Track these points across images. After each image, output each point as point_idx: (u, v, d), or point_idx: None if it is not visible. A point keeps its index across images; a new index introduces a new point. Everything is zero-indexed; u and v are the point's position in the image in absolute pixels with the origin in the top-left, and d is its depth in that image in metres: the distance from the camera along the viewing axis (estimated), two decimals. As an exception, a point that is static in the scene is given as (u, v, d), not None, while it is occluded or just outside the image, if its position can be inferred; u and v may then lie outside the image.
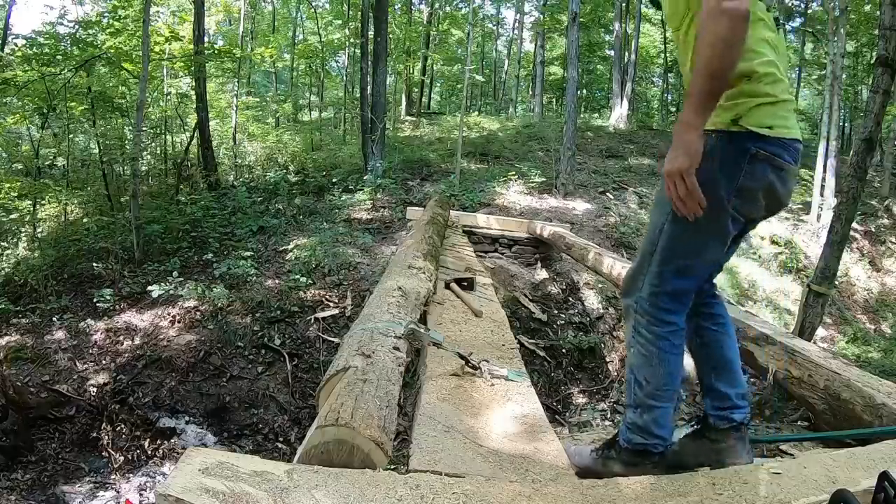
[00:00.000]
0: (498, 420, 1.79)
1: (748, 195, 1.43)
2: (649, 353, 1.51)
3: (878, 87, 4.17)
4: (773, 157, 1.40)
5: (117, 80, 9.59)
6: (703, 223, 1.39)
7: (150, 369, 5.05)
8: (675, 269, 1.48)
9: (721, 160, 1.39)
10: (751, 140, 1.38)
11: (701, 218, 1.37)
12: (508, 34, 26.17)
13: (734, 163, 1.40)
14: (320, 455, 1.25)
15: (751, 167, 1.39)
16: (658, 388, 1.51)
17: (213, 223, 8.16)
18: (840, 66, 10.67)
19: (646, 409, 1.52)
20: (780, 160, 1.41)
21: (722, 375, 1.59)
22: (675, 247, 1.47)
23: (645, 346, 1.52)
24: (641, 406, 1.53)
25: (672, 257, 1.48)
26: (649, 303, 1.51)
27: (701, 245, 1.48)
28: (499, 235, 7.18)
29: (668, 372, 1.51)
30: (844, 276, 8.89)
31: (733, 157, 1.39)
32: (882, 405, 2.07)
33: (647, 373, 1.52)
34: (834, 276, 4.61)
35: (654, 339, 1.50)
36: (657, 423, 1.51)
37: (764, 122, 1.38)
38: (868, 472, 1.31)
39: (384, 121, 10.50)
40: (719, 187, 1.39)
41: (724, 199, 1.41)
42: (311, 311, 5.78)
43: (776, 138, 1.39)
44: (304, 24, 19.42)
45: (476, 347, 2.43)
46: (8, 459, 4.08)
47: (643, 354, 1.52)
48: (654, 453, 1.51)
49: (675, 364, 1.52)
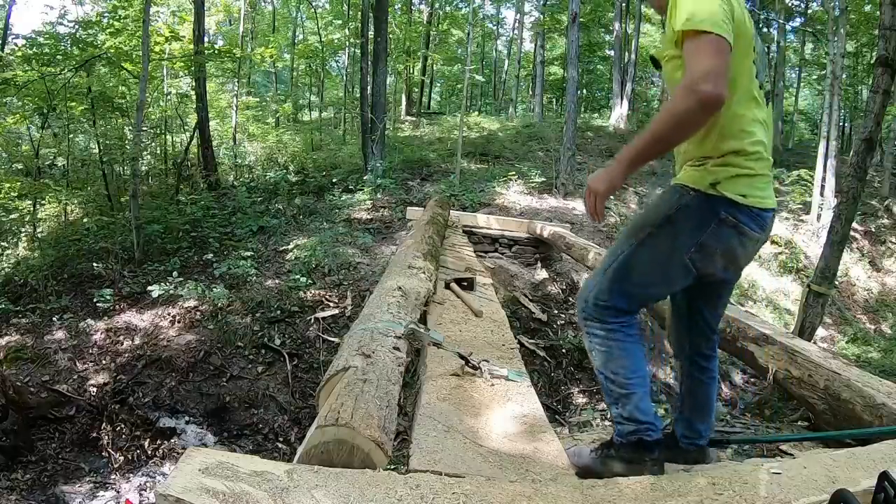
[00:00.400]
0: (498, 420, 1.79)
1: (707, 252, 1.54)
2: (608, 348, 1.61)
3: (878, 87, 4.17)
4: (740, 225, 1.51)
5: (117, 80, 9.60)
6: (659, 263, 1.58)
7: (150, 369, 5.04)
8: (620, 289, 1.61)
9: (691, 216, 1.52)
10: (723, 205, 1.49)
11: (659, 258, 1.56)
12: (508, 34, 26.18)
13: (702, 221, 1.52)
14: (320, 455, 1.25)
15: (717, 228, 1.51)
16: (627, 376, 1.60)
17: (213, 223, 8.16)
18: (840, 66, 10.67)
19: (624, 399, 1.60)
20: (745, 228, 1.52)
21: (698, 415, 1.82)
22: (629, 272, 1.60)
23: (603, 343, 1.62)
24: (620, 398, 1.61)
25: (624, 279, 1.61)
26: (594, 308, 1.63)
27: (649, 280, 1.61)
28: (499, 235, 7.18)
29: (632, 358, 1.62)
30: (844, 276, 8.89)
31: (704, 216, 1.51)
32: (882, 405, 2.07)
33: (613, 366, 1.61)
34: (834, 276, 4.61)
35: (608, 334, 1.61)
36: (640, 410, 1.59)
37: (739, 191, 1.49)
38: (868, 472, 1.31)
39: (384, 121, 10.50)
40: (684, 237, 1.53)
41: (684, 250, 1.53)
42: (311, 311, 5.78)
43: (747, 207, 1.50)
44: (304, 24, 19.42)
45: (476, 347, 2.43)
46: (8, 459, 4.08)
47: (603, 351, 1.62)
48: (650, 441, 1.58)
49: (636, 350, 1.63)
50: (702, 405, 1.83)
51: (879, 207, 11.09)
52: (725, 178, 1.49)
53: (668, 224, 1.54)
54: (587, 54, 20.73)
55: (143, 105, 7.72)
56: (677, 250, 1.54)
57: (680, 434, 1.85)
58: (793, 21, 16.55)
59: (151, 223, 7.70)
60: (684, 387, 1.86)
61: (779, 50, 14.56)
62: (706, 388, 1.82)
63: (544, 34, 19.38)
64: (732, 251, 1.56)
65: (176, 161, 10.46)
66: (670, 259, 1.55)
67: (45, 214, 8.56)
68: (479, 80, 22.53)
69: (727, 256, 1.56)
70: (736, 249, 1.56)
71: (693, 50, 1.37)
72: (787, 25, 15.67)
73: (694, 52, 1.37)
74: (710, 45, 1.35)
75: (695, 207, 1.52)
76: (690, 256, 1.54)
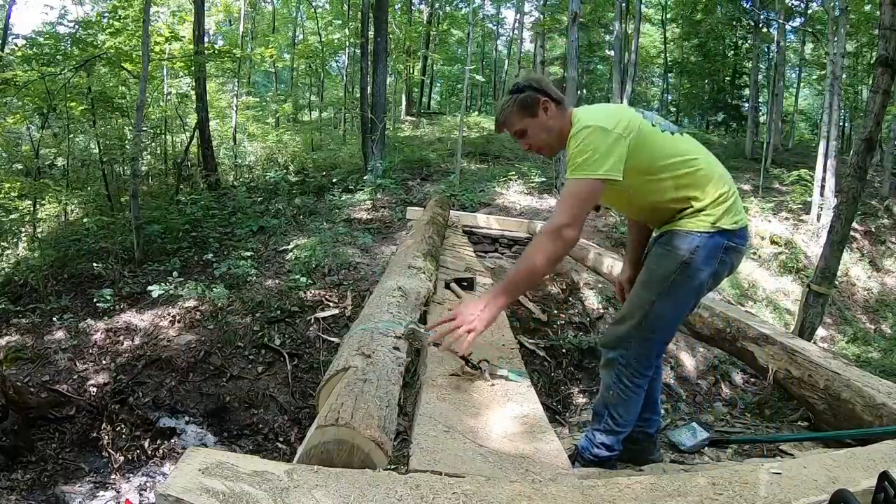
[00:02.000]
0: (498, 420, 1.79)
1: (718, 278, 1.86)
2: (628, 397, 1.87)
3: (878, 87, 4.17)
4: (738, 247, 1.81)
5: (117, 80, 9.60)
6: (683, 301, 1.84)
7: (150, 369, 5.04)
8: (663, 338, 1.90)
9: (704, 254, 1.77)
10: (726, 236, 1.78)
11: (686, 298, 1.83)
12: (508, 34, 26.18)
13: (713, 255, 1.78)
14: (320, 455, 1.25)
15: (724, 256, 1.79)
16: (629, 420, 1.91)
17: (213, 223, 8.15)
18: (840, 66, 10.67)
19: (614, 433, 1.91)
20: (740, 246, 1.82)
21: (650, 406, 2.05)
22: (664, 321, 1.85)
23: (625, 392, 1.87)
24: (612, 432, 1.91)
25: (662, 328, 1.86)
26: (637, 361, 1.85)
27: (681, 315, 1.91)
28: (499, 235, 7.17)
29: (637, 408, 1.92)
30: (844, 276, 8.89)
31: (714, 250, 1.78)
32: (882, 405, 2.07)
33: (623, 409, 1.89)
34: (834, 276, 4.61)
35: (634, 387, 1.87)
36: (619, 443, 1.92)
37: (732, 220, 1.79)
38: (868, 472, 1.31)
39: (384, 121, 10.50)
40: (703, 274, 1.79)
41: (704, 283, 1.81)
42: (311, 311, 5.78)
43: (739, 229, 1.80)
44: (304, 24, 19.42)
45: (476, 347, 2.43)
46: (8, 459, 4.08)
47: (623, 398, 1.88)
48: (610, 462, 1.92)
49: (640, 401, 1.92)
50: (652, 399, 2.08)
51: (879, 207, 11.08)
52: (720, 214, 1.78)
53: (686, 267, 1.78)
54: (587, 54, 20.73)
55: (143, 105, 7.72)
56: (699, 284, 1.81)
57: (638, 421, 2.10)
58: (793, 21, 16.55)
59: (151, 223, 7.70)
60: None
61: (779, 50, 14.55)
62: (655, 385, 2.07)
63: (544, 34, 19.38)
64: (733, 268, 1.87)
65: (176, 161, 10.46)
66: (692, 293, 1.83)
67: (45, 214, 8.55)
68: (479, 80, 22.53)
69: (729, 273, 1.89)
70: (735, 265, 1.87)
71: (565, 194, 1.72)
72: (787, 25, 15.66)
73: (565, 196, 1.72)
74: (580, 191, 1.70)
75: (705, 246, 1.77)
76: (708, 285, 1.84)
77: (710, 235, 1.76)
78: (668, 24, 20.76)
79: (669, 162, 1.78)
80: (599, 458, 1.90)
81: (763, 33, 15.58)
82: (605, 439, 1.91)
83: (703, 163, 1.82)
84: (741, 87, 19.51)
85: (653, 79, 25.18)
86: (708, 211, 1.78)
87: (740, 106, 19.30)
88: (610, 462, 1.92)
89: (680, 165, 1.78)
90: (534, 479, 1.44)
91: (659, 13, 20.55)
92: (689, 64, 20.69)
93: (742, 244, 1.84)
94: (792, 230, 9.83)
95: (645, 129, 1.77)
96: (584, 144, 1.69)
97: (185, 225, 7.89)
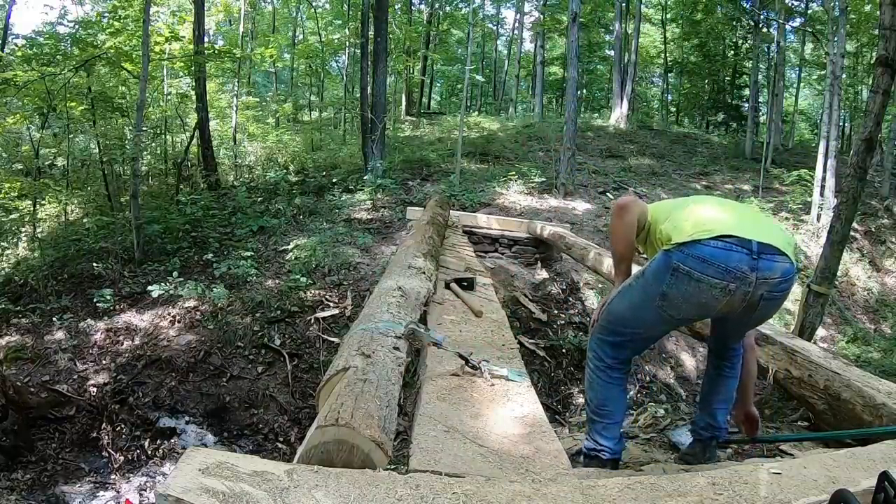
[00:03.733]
0: (498, 420, 1.79)
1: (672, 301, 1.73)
2: (591, 380, 1.95)
3: (878, 87, 4.16)
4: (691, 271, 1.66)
5: (117, 80, 9.59)
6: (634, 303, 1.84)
7: (150, 369, 5.04)
8: (612, 330, 1.91)
9: (654, 267, 1.76)
10: (673, 255, 1.69)
11: (632, 299, 1.84)
12: (508, 34, 26.18)
13: (662, 271, 1.72)
14: (320, 455, 1.25)
15: (673, 278, 1.69)
16: (599, 406, 1.93)
17: (213, 223, 8.15)
18: (840, 66, 10.67)
19: (592, 421, 1.97)
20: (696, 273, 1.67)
21: (719, 404, 2.06)
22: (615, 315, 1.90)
23: (589, 375, 1.96)
24: (590, 419, 1.98)
25: (612, 321, 1.91)
26: (596, 344, 1.96)
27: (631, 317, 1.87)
28: (499, 235, 7.17)
29: (605, 396, 1.93)
30: (844, 276, 8.89)
31: (661, 267, 1.73)
32: (882, 405, 2.07)
33: (591, 395, 1.97)
34: (834, 276, 4.60)
35: (595, 369, 1.94)
36: (600, 434, 1.91)
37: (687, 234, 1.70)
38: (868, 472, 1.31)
39: (384, 121, 10.49)
40: (650, 288, 1.76)
41: (653, 298, 1.75)
42: (311, 311, 5.78)
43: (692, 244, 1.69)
44: (305, 24, 19.42)
45: (476, 347, 2.43)
46: (8, 459, 4.08)
47: (588, 380, 1.97)
48: (604, 460, 1.89)
49: (611, 391, 1.93)
50: (720, 394, 2.06)
51: (879, 207, 11.08)
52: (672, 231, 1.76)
53: (640, 276, 1.83)
54: (587, 54, 20.74)
55: (143, 105, 7.71)
56: (649, 299, 1.76)
57: (701, 426, 2.10)
58: (793, 21, 16.55)
59: (151, 223, 7.70)
60: (708, 379, 2.12)
61: (779, 50, 14.55)
62: (725, 381, 2.05)
63: (544, 34, 19.40)
64: (691, 296, 1.67)
65: (176, 161, 10.46)
66: (650, 309, 1.77)
67: (45, 214, 8.55)
68: (479, 80, 22.54)
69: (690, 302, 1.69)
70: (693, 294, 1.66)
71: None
72: (787, 25, 15.66)
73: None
74: None
75: (656, 261, 1.76)
76: (666, 310, 1.74)
77: (663, 252, 1.74)
78: (668, 24, 20.76)
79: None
80: (590, 451, 1.93)
81: (763, 33, 15.57)
82: (587, 429, 1.99)
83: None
84: (741, 87, 19.51)
85: (653, 79, 25.18)
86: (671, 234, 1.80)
87: (740, 106, 19.30)
88: (603, 461, 1.90)
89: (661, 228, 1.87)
90: (534, 479, 1.44)
91: (659, 13, 20.55)
92: (689, 64, 20.68)
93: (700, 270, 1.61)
94: (792, 230, 9.82)
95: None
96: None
97: (185, 225, 7.89)
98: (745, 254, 1.60)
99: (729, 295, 1.63)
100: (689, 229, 1.68)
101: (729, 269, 1.60)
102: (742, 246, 1.60)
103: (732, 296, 1.63)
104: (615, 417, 1.91)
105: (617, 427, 1.92)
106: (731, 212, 1.76)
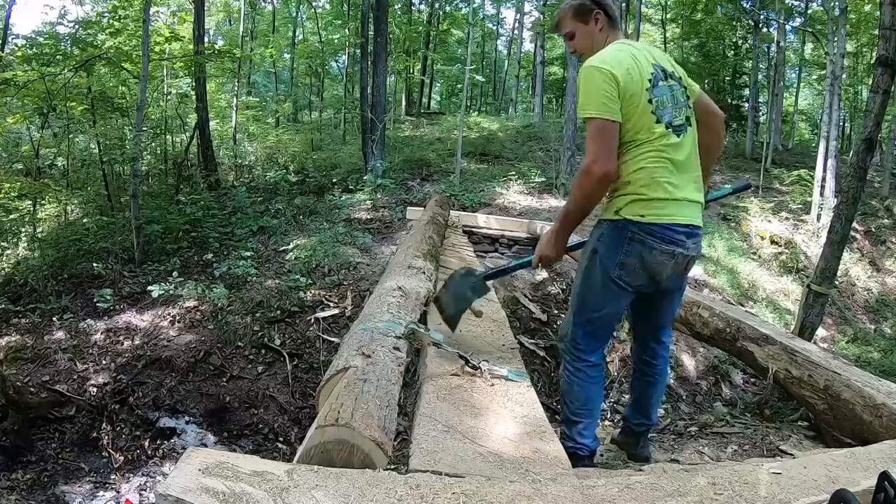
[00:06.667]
0: (498, 420, 1.79)
1: (628, 268, 1.87)
2: (571, 382, 2.03)
3: (878, 87, 4.16)
4: (646, 239, 1.82)
5: (117, 80, 9.59)
6: (599, 287, 1.93)
7: (150, 369, 5.04)
8: (583, 319, 2.00)
9: (609, 242, 1.88)
10: (629, 226, 1.83)
11: (597, 283, 1.92)
12: (508, 34, 26.18)
13: (616, 243, 1.86)
14: (320, 455, 1.25)
15: (629, 246, 1.84)
16: (578, 407, 2.02)
17: (213, 223, 8.15)
18: (840, 66, 10.67)
19: (571, 423, 2.03)
20: (650, 240, 1.82)
21: (640, 406, 2.24)
22: (583, 301, 2.00)
23: (569, 377, 2.05)
24: (567, 420, 2.05)
25: (583, 309, 2.00)
26: (570, 345, 2.04)
27: (598, 300, 1.96)
28: (499, 235, 7.17)
29: (585, 396, 2.02)
30: (844, 276, 8.89)
31: (616, 238, 1.86)
32: (882, 405, 2.07)
33: (571, 396, 2.04)
34: (834, 276, 4.60)
35: (574, 371, 2.03)
36: (580, 434, 2.00)
37: (636, 212, 1.82)
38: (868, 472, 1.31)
39: (384, 121, 10.49)
40: (608, 260, 1.88)
41: (612, 270, 1.88)
42: (311, 311, 5.78)
43: (647, 223, 1.81)
44: (305, 24, 19.42)
45: (476, 347, 2.43)
46: (8, 459, 4.08)
47: (567, 382, 2.05)
48: (582, 456, 1.98)
49: (591, 391, 2.02)
50: (639, 398, 2.25)
51: (879, 207, 11.08)
52: (623, 204, 1.84)
53: (594, 255, 1.92)
54: (587, 54, 20.67)
55: (143, 105, 7.71)
56: (606, 272, 1.89)
57: (635, 422, 2.28)
58: (793, 21, 16.55)
59: (151, 223, 7.69)
60: (637, 385, 2.28)
61: (779, 50, 14.55)
62: (654, 386, 2.20)
63: (544, 34, 19.37)
64: (645, 262, 1.85)
65: (176, 161, 10.45)
66: (604, 281, 1.90)
67: (45, 214, 8.54)
68: (479, 80, 22.51)
69: (644, 267, 1.86)
70: (647, 259, 1.84)
71: (587, 136, 1.79)
72: (787, 25, 15.66)
73: (587, 137, 1.79)
74: (596, 130, 1.76)
75: (608, 234, 1.89)
76: (616, 274, 1.87)
77: (613, 224, 1.87)
78: (668, 24, 20.76)
79: (633, 150, 1.82)
80: (567, 450, 1.89)
81: (763, 33, 15.57)
82: (565, 429, 2.04)
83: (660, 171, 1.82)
84: (741, 87, 19.50)
85: (653, 79, 25.11)
86: (614, 199, 1.86)
87: (740, 106, 19.28)
88: (581, 458, 1.97)
89: (637, 157, 1.82)
90: (534, 479, 1.44)
91: (659, 13, 20.55)
92: (689, 64, 20.64)
93: (653, 240, 1.81)
94: (792, 230, 9.82)
95: (637, 95, 1.79)
96: (582, 84, 1.80)
97: (185, 225, 7.88)
98: (685, 234, 1.87)
99: (674, 259, 1.87)
100: (639, 207, 1.82)
101: (675, 241, 1.85)
102: (685, 226, 1.87)
103: (676, 259, 1.88)
104: (594, 415, 2.05)
105: (595, 424, 2.05)
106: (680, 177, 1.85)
